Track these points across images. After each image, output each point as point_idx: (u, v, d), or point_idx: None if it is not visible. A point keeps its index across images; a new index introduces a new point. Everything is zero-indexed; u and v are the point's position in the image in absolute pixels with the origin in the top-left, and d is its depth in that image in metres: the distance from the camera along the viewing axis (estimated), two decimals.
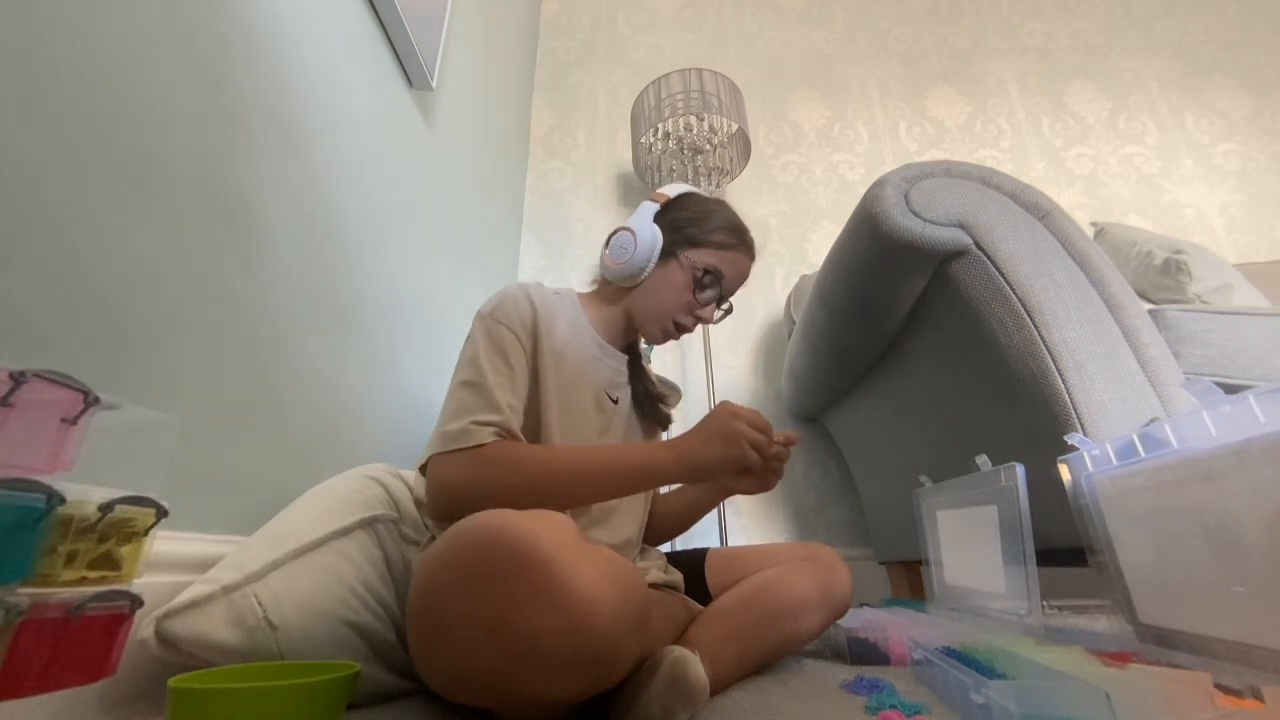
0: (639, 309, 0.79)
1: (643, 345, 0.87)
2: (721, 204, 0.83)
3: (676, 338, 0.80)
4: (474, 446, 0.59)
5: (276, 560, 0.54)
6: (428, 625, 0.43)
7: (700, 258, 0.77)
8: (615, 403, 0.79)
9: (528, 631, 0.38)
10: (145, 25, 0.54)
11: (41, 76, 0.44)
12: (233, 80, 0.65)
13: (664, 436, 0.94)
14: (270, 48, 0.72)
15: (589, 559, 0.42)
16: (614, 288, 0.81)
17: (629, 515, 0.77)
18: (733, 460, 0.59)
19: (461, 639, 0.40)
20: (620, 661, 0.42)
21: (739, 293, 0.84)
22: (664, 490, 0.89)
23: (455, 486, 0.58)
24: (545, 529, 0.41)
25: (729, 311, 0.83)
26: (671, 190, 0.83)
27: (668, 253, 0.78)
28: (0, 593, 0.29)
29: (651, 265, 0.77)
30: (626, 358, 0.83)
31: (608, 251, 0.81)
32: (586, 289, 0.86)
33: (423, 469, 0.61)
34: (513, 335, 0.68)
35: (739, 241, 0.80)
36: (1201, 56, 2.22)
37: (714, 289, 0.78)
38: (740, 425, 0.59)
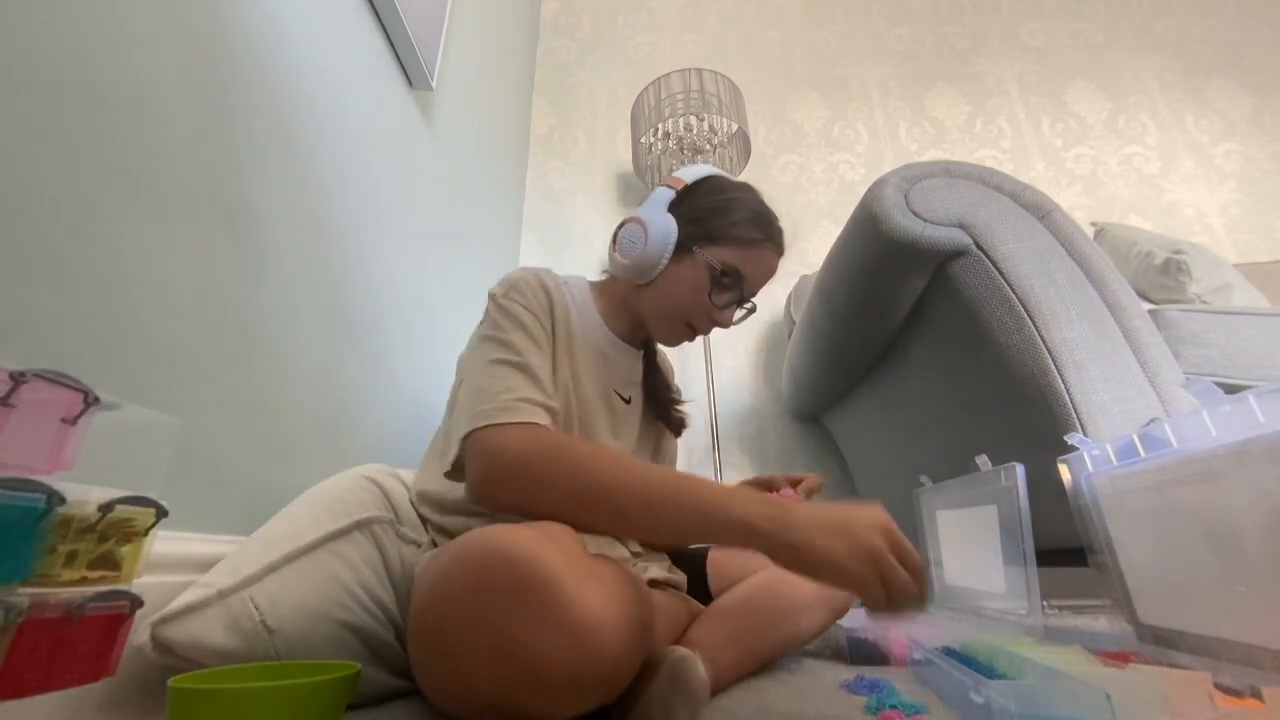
0: (650, 309, 0.71)
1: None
2: (747, 189, 0.73)
3: (690, 340, 0.72)
4: (527, 423, 0.53)
5: (272, 564, 0.54)
6: (431, 645, 0.42)
7: (719, 255, 0.67)
8: (627, 402, 0.75)
9: (537, 656, 0.37)
10: (145, 25, 0.54)
11: (41, 76, 0.44)
12: (232, 80, 0.65)
13: (676, 445, 0.86)
14: (270, 47, 0.72)
15: (595, 578, 0.41)
16: (623, 283, 0.73)
17: None
18: (855, 578, 0.44)
19: (466, 661, 0.39)
20: (627, 679, 0.42)
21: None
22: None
23: (507, 459, 0.52)
24: (550, 548, 0.40)
25: (752, 311, 0.72)
26: (689, 174, 0.72)
27: (683, 247, 0.68)
28: (0, 593, 0.29)
29: (664, 262, 0.68)
30: (641, 354, 0.77)
31: (616, 245, 0.72)
32: (597, 278, 0.79)
33: (438, 468, 0.60)
34: (532, 316, 0.64)
35: (765, 236, 0.70)
36: (1201, 56, 2.22)
37: (734, 290, 0.69)
38: (884, 546, 0.44)
